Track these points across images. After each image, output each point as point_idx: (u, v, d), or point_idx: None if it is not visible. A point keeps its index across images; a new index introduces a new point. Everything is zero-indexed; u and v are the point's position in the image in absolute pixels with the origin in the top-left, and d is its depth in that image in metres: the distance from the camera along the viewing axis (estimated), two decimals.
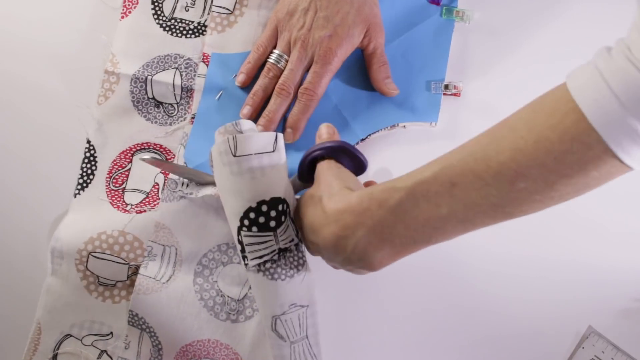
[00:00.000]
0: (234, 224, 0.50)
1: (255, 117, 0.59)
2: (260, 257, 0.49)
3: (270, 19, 0.60)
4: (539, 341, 0.58)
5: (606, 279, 0.58)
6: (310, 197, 0.49)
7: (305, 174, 0.53)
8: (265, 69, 0.59)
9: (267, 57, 0.60)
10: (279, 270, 0.50)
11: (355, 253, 0.45)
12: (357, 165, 0.52)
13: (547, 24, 0.62)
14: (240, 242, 0.50)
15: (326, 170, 0.50)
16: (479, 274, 0.59)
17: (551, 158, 0.37)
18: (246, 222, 0.49)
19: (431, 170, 0.42)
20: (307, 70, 0.59)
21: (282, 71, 0.59)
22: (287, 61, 0.58)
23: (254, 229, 0.49)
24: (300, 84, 0.59)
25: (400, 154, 0.61)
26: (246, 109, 0.59)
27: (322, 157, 0.51)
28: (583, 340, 0.57)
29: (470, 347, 0.58)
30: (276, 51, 0.59)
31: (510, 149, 0.39)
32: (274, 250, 0.49)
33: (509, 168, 0.39)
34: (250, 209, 0.48)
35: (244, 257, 0.50)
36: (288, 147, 0.59)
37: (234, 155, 0.48)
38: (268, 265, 0.49)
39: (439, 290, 0.59)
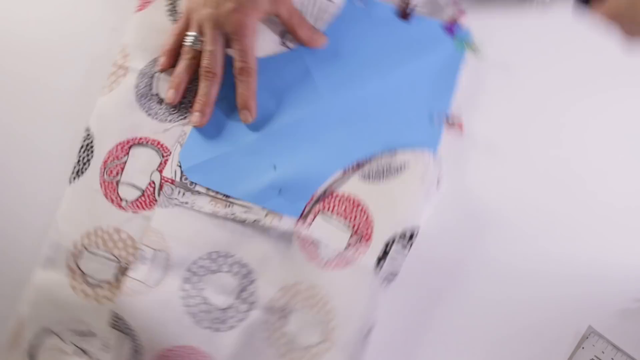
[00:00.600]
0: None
1: (179, 101, 0.59)
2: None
3: (184, 7, 0.60)
4: (538, 341, 0.56)
5: (606, 278, 0.57)
6: None
7: None
8: (183, 52, 0.59)
9: (183, 42, 0.59)
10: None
11: None
12: None
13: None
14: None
15: None
16: (477, 274, 0.57)
17: None
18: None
19: None
20: (226, 47, 0.58)
21: (199, 53, 0.58)
22: (202, 42, 0.58)
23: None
24: (225, 62, 0.58)
25: None
26: (170, 92, 0.59)
27: None
28: (583, 340, 0.56)
29: (469, 347, 0.57)
30: (190, 33, 0.58)
31: None
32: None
33: None
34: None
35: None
36: (302, 139, 0.58)
37: None
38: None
39: (436, 290, 0.58)
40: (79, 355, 0.57)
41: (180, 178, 0.58)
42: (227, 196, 0.57)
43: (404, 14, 0.60)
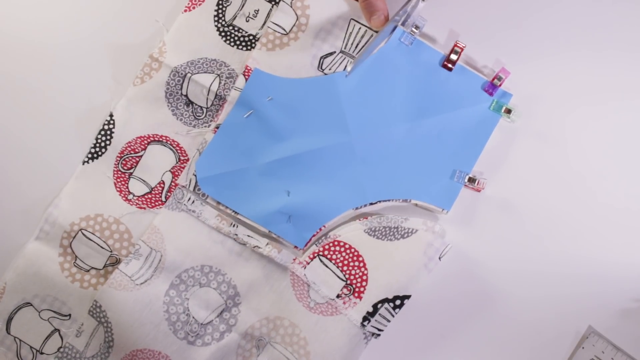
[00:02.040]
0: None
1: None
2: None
3: None
4: (538, 341, 0.58)
5: (606, 279, 0.58)
6: None
7: None
8: None
9: None
10: None
11: None
12: None
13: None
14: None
15: None
16: (478, 275, 0.58)
17: None
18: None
19: None
20: None
21: None
22: None
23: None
24: None
25: None
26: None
27: None
28: (583, 340, 0.57)
29: (469, 347, 0.58)
30: None
31: None
32: None
33: None
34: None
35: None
36: (320, 170, 0.58)
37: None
38: None
39: (436, 290, 0.58)
40: (52, 336, 0.57)
41: (194, 188, 0.58)
42: (235, 212, 0.57)
43: (448, 62, 0.58)
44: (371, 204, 0.58)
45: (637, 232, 0.58)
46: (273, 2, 0.61)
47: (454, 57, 0.58)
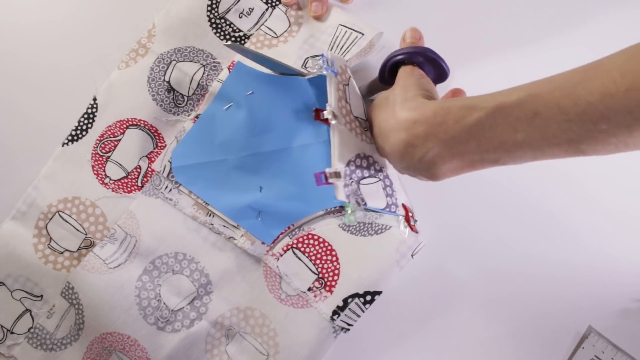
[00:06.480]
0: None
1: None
2: None
3: None
4: (538, 341, 0.58)
5: (606, 278, 0.58)
6: (385, 99, 0.50)
7: (387, 77, 0.55)
8: None
9: None
10: None
11: (422, 163, 0.45)
12: (439, 73, 0.52)
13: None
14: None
15: (408, 75, 0.51)
16: (479, 274, 0.59)
17: (639, 107, 0.37)
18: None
19: (516, 96, 0.41)
20: None
21: None
22: None
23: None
24: None
25: None
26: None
27: (403, 62, 0.52)
28: (583, 340, 0.57)
29: (469, 347, 0.58)
30: None
31: (601, 92, 0.38)
32: None
33: (595, 109, 0.38)
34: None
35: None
36: (295, 168, 0.57)
37: None
38: None
39: (436, 290, 0.59)
40: (23, 316, 0.57)
41: (168, 175, 0.58)
42: (206, 203, 0.58)
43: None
44: (342, 206, 0.58)
45: (637, 232, 0.58)
46: (269, 5, 0.61)
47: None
